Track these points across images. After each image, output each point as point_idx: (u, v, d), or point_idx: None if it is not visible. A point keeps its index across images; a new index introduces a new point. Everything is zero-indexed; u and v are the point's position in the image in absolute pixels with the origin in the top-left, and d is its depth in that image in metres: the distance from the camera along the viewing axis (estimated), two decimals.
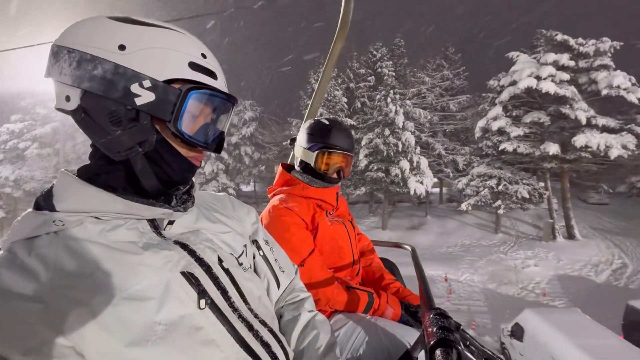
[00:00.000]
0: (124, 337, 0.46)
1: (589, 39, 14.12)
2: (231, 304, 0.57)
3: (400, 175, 15.73)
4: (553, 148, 13.02)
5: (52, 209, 0.52)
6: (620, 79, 12.56)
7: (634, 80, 13.57)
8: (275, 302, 0.76)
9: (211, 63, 0.57)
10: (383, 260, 1.56)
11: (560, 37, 14.23)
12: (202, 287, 0.54)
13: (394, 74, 19.46)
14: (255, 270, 0.74)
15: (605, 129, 12.88)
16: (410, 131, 16.19)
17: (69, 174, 0.55)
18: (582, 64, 13.91)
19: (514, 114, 14.69)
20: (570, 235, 15.01)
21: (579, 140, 12.50)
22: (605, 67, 13.56)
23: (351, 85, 20.11)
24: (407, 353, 0.86)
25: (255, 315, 0.61)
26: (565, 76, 13.19)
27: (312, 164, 1.26)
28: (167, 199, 0.58)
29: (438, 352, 0.60)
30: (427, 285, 0.91)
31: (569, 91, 13.00)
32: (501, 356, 0.77)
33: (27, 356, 0.42)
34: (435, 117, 19.31)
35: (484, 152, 15.96)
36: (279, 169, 1.39)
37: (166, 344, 0.48)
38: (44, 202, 0.53)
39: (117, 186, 0.54)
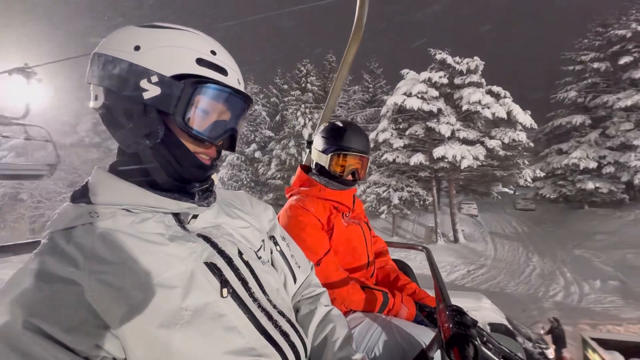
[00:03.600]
0: (154, 320, 0.50)
1: (464, 58, 15.30)
2: (251, 294, 0.60)
3: None
4: (417, 158, 14.23)
5: (88, 202, 0.56)
6: (478, 95, 13.67)
7: (508, 94, 14.70)
8: (292, 296, 0.78)
9: (221, 59, 0.59)
10: (396, 261, 1.57)
11: (439, 56, 15.45)
12: (224, 277, 0.57)
13: (315, 88, 20.95)
14: (272, 265, 0.75)
15: (465, 142, 14.02)
16: None
17: (103, 169, 0.60)
18: (458, 80, 15.09)
19: (400, 126, 15.95)
20: (455, 239, 16.06)
21: (437, 151, 13.65)
22: (474, 84, 14.71)
23: (272, 99, 21.63)
24: (422, 352, 0.84)
25: (274, 306, 0.63)
26: (435, 93, 14.40)
27: (327, 167, 1.28)
28: (190, 195, 0.61)
29: (455, 347, 0.60)
30: (442, 284, 0.91)
31: (435, 107, 14.20)
32: (520, 355, 0.75)
33: (68, 334, 0.45)
34: None
35: (376, 162, 17.23)
36: (297, 170, 1.41)
37: (192, 327, 0.51)
38: (81, 195, 0.57)
39: (143, 182, 0.58)
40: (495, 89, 14.78)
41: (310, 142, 1.42)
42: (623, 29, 16.01)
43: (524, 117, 13.16)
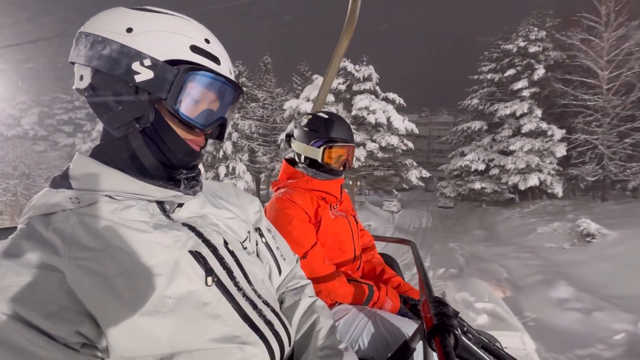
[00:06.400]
0: (137, 307, 0.49)
1: (364, 65, 16.60)
2: (236, 284, 0.60)
3: (216, 179, 18.35)
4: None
5: (68, 187, 0.55)
6: (365, 102, 15.01)
7: (402, 101, 16.08)
8: (276, 288, 0.78)
9: (215, 48, 0.59)
10: (383, 255, 1.59)
11: (342, 64, 16.73)
12: (209, 265, 0.57)
13: (246, 89, 22.01)
14: (257, 256, 0.76)
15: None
16: (233, 141, 18.75)
17: (84, 155, 0.58)
18: (355, 87, 16.41)
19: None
20: None
21: None
22: (369, 91, 16.04)
23: None
24: (405, 343, 0.86)
25: (259, 296, 0.63)
26: (332, 98, 15.70)
27: (320, 160, 1.28)
28: (176, 183, 0.60)
29: (436, 337, 0.62)
30: (426, 277, 0.94)
31: (333, 110, 15.51)
32: (498, 344, 0.81)
33: (47, 319, 0.44)
34: (261, 129, 21.81)
35: None
36: (282, 164, 1.41)
37: (176, 315, 0.51)
38: (61, 180, 0.56)
39: (126, 167, 0.56)
40: (391, 95, 16.19)
41: (289, 136, 1.40)
42: (510, 44, 17.58)
43: (400, 123, 14.54)
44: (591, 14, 14.34)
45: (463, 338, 0.65)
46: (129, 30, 0.54)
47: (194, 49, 0.57)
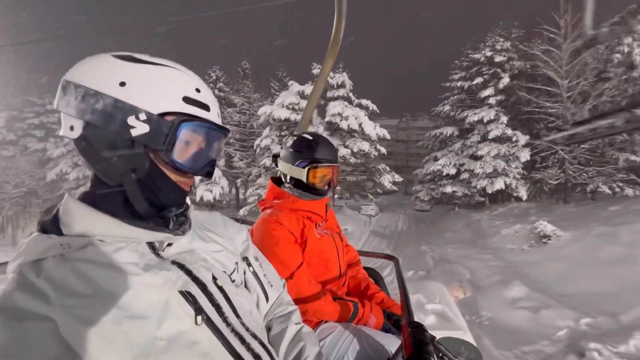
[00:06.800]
0: (129, 352, 0.49)
1: (338, 72, 16.93)
2: (225, 319, 0.61)
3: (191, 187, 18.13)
4: None
5: (59, 232, 0.56)
6: (338, 108, 15.32)
7: (376, 107, 16.47)
8: (264, 315, 0.80)
9: (205, 97, 0.62)
10: (368, 269, 1.62)
11: (315, 70, 16.98)
12: (198, 304, 0.58)
13: (222, 94, 22.05)
14: (245, 286, 0.77)
15: None
16: None
17: (74, 199, 0.59)
18: (330, 94, 16.69)
19: (282, 133, 17.33)
20: None
21: None
22: (342, 97, 16.35)
23: None
24: None
25: (247, 329, 0.64)
26: (304, 104, 15.91)
27: (305, 180, 1.31)
28: (165, 221, 0.62)
29: None
30: (407, 298, 0.95)
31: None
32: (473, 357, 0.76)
33: None
34: (238, 135, 21.86)
35: (264, 166, 18.58)
36: (269, 184, 1.43)
37: (167, 357, 0.51)
38: (51, 225, 0.57)
39: (116, 211, 0.57)
40: (364, 102, 16.56)
41: (276, 156, 1.44)
42: (478, 54, 18.31)
43: (371, 130, 14.90)
44: (552, 27, 15.16)
45: None
46: (122, 84, 0.56)
47: (186, 99, 0.59)
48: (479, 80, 17.96)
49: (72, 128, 0.57)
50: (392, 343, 1.09)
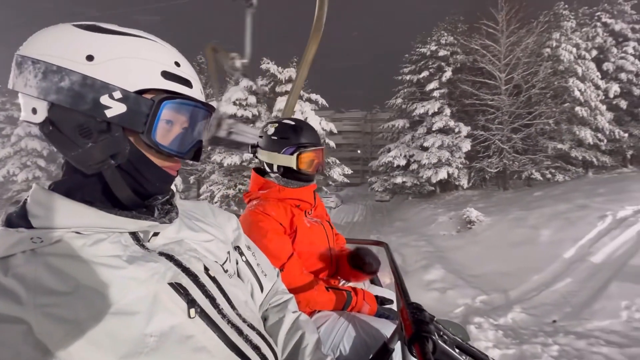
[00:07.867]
0: (116, 352, 0.45)
1: (288, 68, 16.93)
2: (220, 311, 0.57)
3: None
4: (232, 159, 15.70)
5: (28, 225, 0.50)
6: (283, 103, 15.35)
7: (325, 102, 16.66)
8: (259, 305, 0.77)
9: (186, 71, 0.56)
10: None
11: (264, 65, 16.93)
12: (190, 296, 0.54)
13: None
14: (238, 276, 0.74)
15: None
16: None
17: (43, 188, 0.53)
18: (278, 89, 16.69)
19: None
20: None
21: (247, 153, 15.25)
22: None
23: None
24: (384, 345, 0.89)
25: (244, 320, 0.61)
26: (253, 99, 15.87)
27: (295, 166, 1.27)
28: (149, 210, 0.57)
29: (416, 344, 0.65)
30: (402, 281, 0.94)
31: (251, 113, 15.71)
32: (469, 343, 0.84)
33: None
34: None
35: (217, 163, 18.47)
36: (252, 174, 1.39)
37: (159, 354, 0.48)
38: (18, 219, 0.51)
39: (94, 199, 0.53)
40: (313, 97, 16.70)
41: (255, 146, 1.37)
42: (424, 48, 18.90)
43: (316, 124, 15.03)
44: (491, 22, 15.89)
45: (440, 342, 0.69)
46: (90, 58, 0.49)
47: (166, 74, 0.54)
48: (425, 73, 18.54)
49: (34, 111, 0.50)
50: (387, 327, 1.09)
